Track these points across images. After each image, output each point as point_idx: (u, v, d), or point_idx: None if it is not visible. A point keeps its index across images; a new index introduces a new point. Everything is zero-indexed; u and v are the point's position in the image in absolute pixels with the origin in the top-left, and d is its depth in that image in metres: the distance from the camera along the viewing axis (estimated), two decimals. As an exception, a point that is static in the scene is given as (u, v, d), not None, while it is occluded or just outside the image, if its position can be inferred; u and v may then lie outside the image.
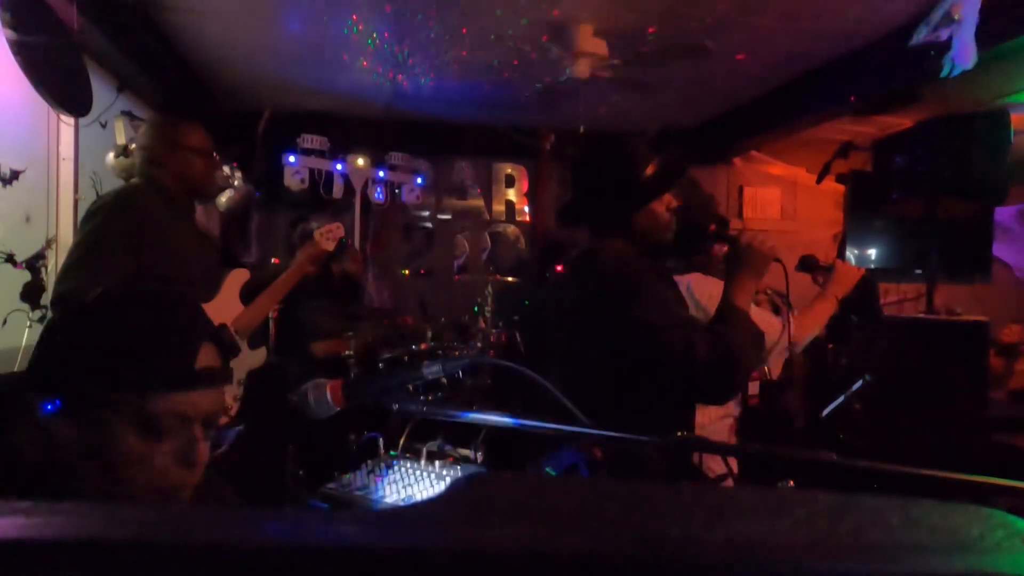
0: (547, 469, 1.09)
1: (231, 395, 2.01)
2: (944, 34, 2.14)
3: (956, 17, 2.15)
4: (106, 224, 1.81)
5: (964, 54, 2.11)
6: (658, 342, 1.27)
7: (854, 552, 0.23)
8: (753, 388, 2.32)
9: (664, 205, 1.49)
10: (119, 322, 0.74)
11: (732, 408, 1.96)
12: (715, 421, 1.88)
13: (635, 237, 1.47)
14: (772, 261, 1.49)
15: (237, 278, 2.13)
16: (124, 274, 1.76)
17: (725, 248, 1.53)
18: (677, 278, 1.70)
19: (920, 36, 2.21)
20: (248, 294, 2.17)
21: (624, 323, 1.31)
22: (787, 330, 1.67)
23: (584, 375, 1.37)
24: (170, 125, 2.04)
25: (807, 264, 2.11)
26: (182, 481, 0.75)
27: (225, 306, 2.06)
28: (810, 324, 1.77)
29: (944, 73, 2.18)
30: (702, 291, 1.79)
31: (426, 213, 5.24)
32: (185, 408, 0.73)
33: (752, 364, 1.37)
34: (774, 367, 1.81)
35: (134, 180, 2.03)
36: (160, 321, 0.75)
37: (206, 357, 0.76)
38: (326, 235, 2.35)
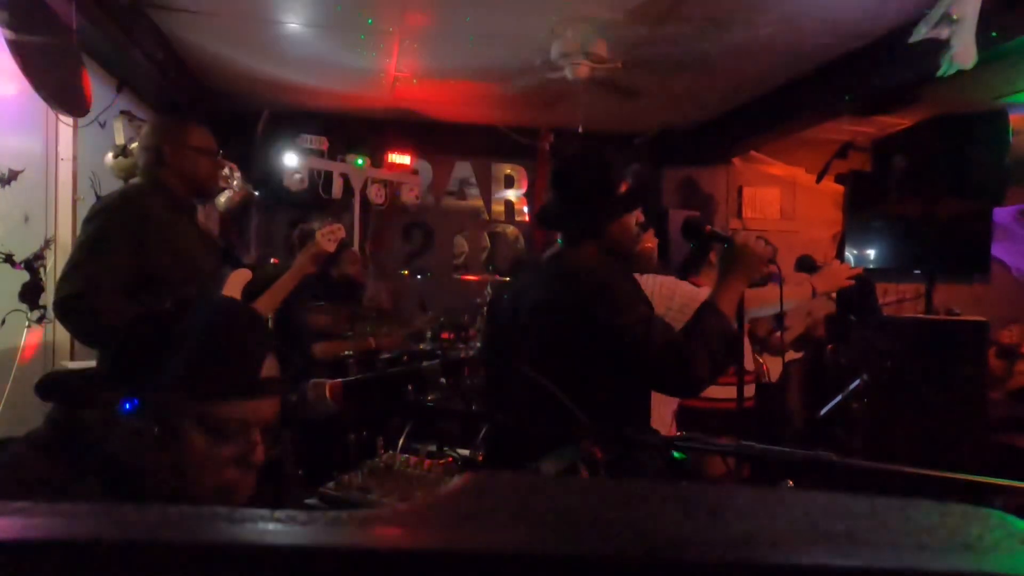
0: (546, 470, 1.09)
1: None
2: (944, 33, 2.14)
3: (955, 17, 2.15)
4: (109, 225, 1.81)
5: (964, 54, 2.11)
6: (621, 336, 1.35)
7: (853, 552, 0.23)
8: (749, 391, 2.33)
9: (634, 218, 1.57)
10: (196, 332, 0.78)
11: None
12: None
13: (606, 245, 1.54)
14: (767, 264, 1.50)
15: (239, 278, 2.13)
16: (127, 275, 1.76)
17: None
18: (643, 276, 1.76)
19: (919, 35, 2.22)
20: (249, 294, 2.17)
21: (590, 320, 1.38)
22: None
23: (552, 372, 1.39)
24: (173, 125, 2.04)
25: (805, 264, 2.11)
26: (242, 482, 0.80)
27: None
28: (767, 298, 1.81)
29: (942, 72, 2.18)
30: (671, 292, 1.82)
31: (425, 213, 5.24)
32: (248, 415, 0.79)
33: (720, 362, 1.42)
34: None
35: (136, 180, 2.03)
36: (233, 333, 0.81)
37: (268, 368, 0.81)
38: (327, 236, 2.35)
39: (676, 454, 1.01)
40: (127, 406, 0.74)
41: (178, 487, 0.76)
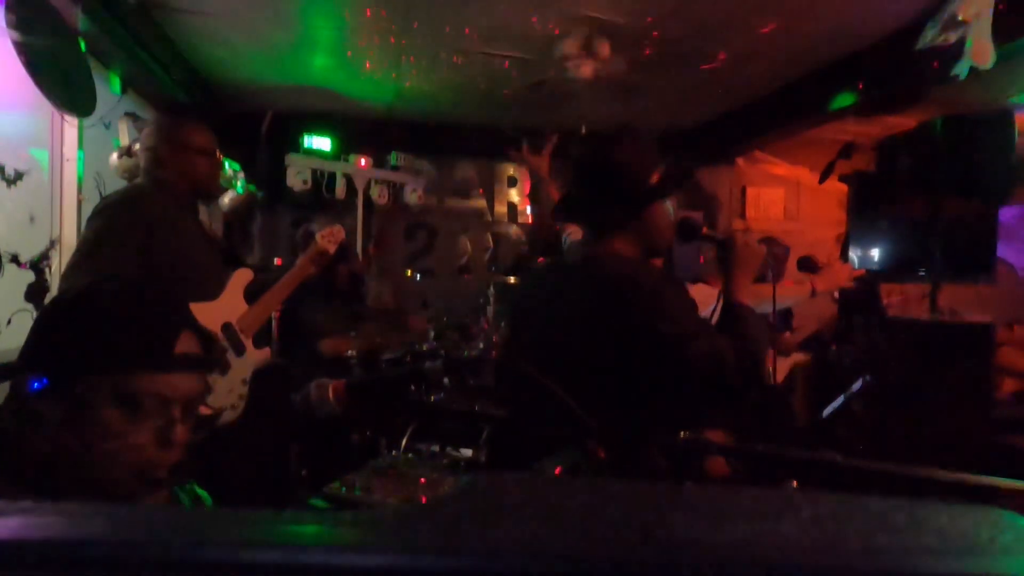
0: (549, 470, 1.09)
1: (237, 394, 2.02)
2: (951, 37, 2.13)
3: (961, 18, 2.14)
4: (111, 224, 1.82)
5: (981, 53, 2.10)
6: (687, 352, 1.27)
7: (862, 555, 0.23)
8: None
9: (670, 207, 1.49)
10: (104, 309, 0.80)
11: None
12: None
13: (638, 239, 1.46)
14: (763, 257, 1.51)
15: (242, 278, 2.14)
16: (129, 273, 1.77)
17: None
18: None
19: (926, 40, 2.21)
20: (252, 294, 2.17)
21: (643, 331, 1.30)
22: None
23: (588, 379, 1.36)
24: (175, 126, 2.05)
25: (806, 264, 2.11)
26: (159, 460, 0.79)
27: (230, 305, 2.06)
28: (759, 295, 1.78)
29: (961, 74, 2.17)
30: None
31: (428, 214, 5.25)
32: (164, 389, 0.79)
33: (762, 364, 1.39)
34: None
35: (139, 180, 2.04)
36: (140, 308, 0.82)
37: (186, 344, 0.82)
38: (327, 237, 2.36)
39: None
40: (35, 385, 0.74)
41: (93, 463, 0.76)
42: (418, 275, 4.91)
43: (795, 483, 1.18)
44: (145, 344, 0.79)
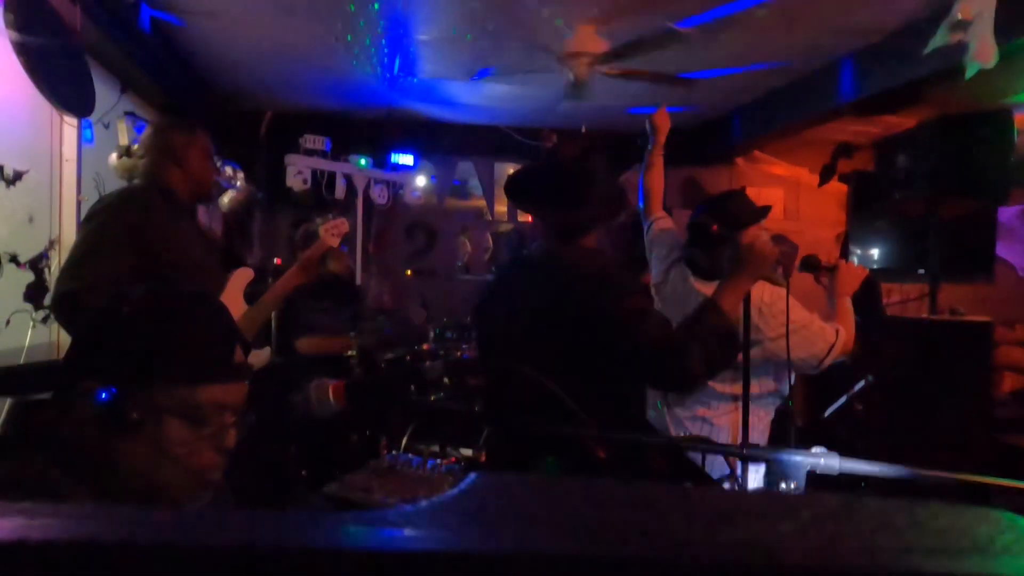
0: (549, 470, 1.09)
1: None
2: (958, 37, 2.14)
3: (962, 17, 2.14)
4: (108, 224, 1.82)
5: (984, 52, 2.10)
6: (615, 326, 1.34)
7: (863, 555, 0.23)
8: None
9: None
10: (170, 319, 0.83)
11: (764, 416, 1.97)
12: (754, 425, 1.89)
13: (594, 241, 1.55)
14: (773, 264, 1.50)
15: (241, 278, 2.14)
16: (125, 274, 1.76)
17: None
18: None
19: (936, 43, 2.21)
20: (251, 294, 2.17)
21: (591, 312, 1.37)
22: (837, 339, 1.78)
23: (554, 371, 1.39)
24: (177, 127, 2.05)
25: (809, 264, 2.11)
26: (215, 464, 0.83)
27: (230, 304, 2.06)
28: (851, 327, 1.87)
29: (969, 75, 2.17)
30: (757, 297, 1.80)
31: (428, 214, 5.25)
32: (221, 398, 0.83)
33: (716, 360, 1.40)
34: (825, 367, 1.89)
35: (137, 181, 2.04)
36: (207, 319, 0.86)
37: (238, 353, 0.87)
38: (331, 230, 2.35)
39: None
40: (103, 395, 0.76)
41: (155, 472, 0.79)
42: (417, 275, 4.91)
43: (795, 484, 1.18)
44: (213, 356, 0.83)
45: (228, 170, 3.71)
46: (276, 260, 4.38)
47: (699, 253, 1.99)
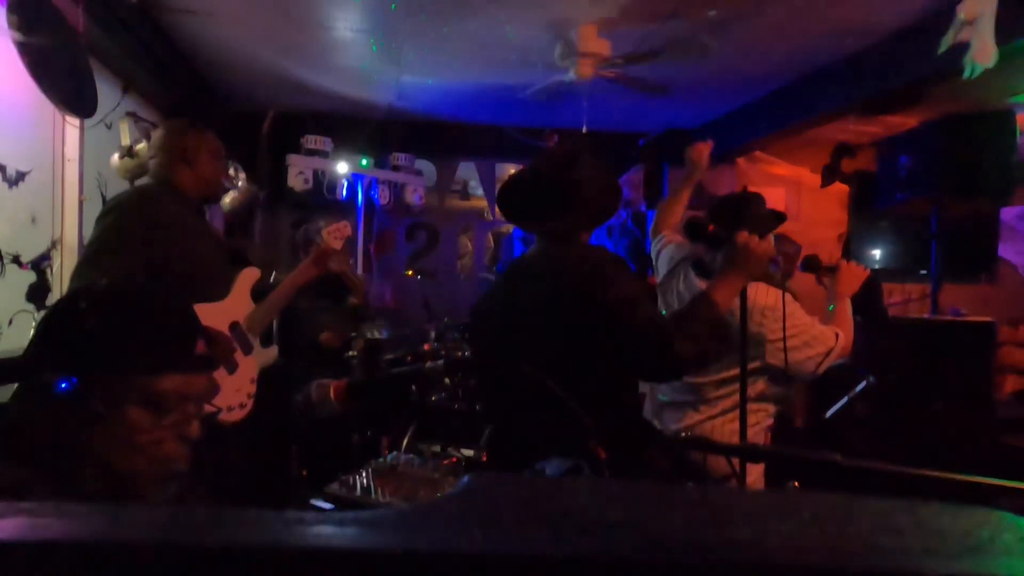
0: (549, 471, 1.09)
1: (245, 393, 2.03)
2: (965, 36, 2.14)
3: (964, 17, 2.14)
4: (120, 223, 1.83)
5: (983, 52, 2.10)
6: (607, 314, 1.34)
7: (863, 555, 0.23)
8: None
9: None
10: (132, 309, 0.84)
11: (764, 418, 1.96)
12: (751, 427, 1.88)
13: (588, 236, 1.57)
14: (768, 263, 1.51)
15: (248, 277, 2.15)
16: (137, 272, 1.78)
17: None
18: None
19: (947, 44, 2.22)
20: (257, 294, 2.18)
21: (586, 304, 1.37)
22: (838, 342, 1.78)
23: (553, 368, 1.38)
24: (191, 129, 2.07)
25: (810, 264, 2.11)
26: (178, 454, 0.84)
27: (237, 305, 2.07)
28: (850, 329, 1.87)
29: (967, 74, 2.17)
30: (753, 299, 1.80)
31: (429, 214, 5.25)
32: (184, 388, 0.84)
33: (705, 349, 1.40)
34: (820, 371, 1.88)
35: (146, 181, 2.05)
36: (167, 310, 0.87)
37: (200, 345, 0.87)
38: (333, 233, 2.36)
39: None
40: (63, 385, 0.77)
41: (121, 461, 0.80)
42: (418, 275, 4.91)
43: (796, 483, 1.18)
44: (174, 345, 0.84)
45: (230, 170, 3.71)
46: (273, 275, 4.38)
47: (704, 253, 1.99)
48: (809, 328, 1.85)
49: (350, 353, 2.97)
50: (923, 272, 3.96)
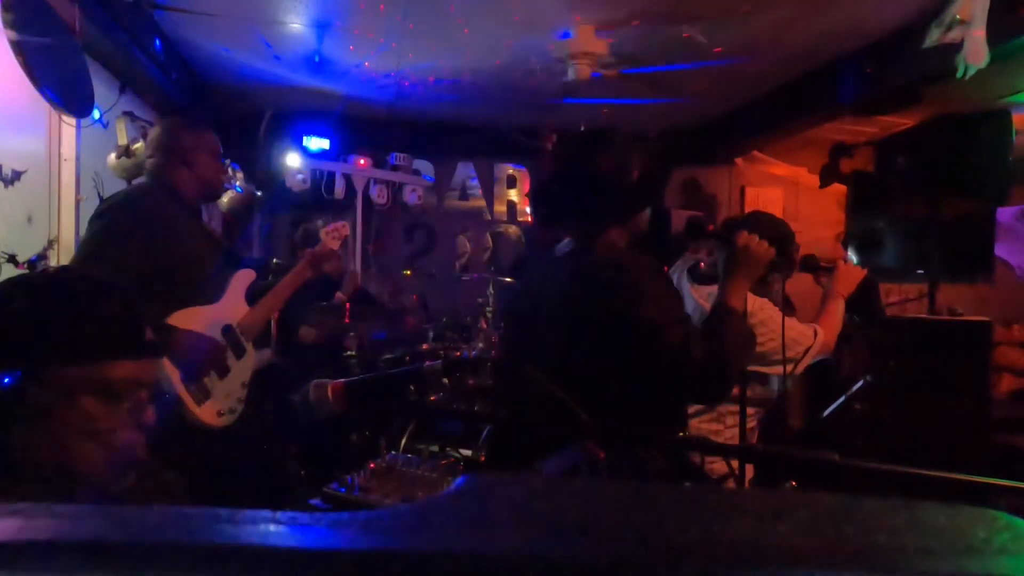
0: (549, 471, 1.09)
1: (236, 398, 2.01)
2: (956, 36, 2.14)
3: (959, 17, 2.15)
4: (115, 223, 1.82)
5: (975, 53, 2.11)
6: (658, 339, 1.29)
7: (860, 555, 0.23)
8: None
9: (647, 215, 1.53)
10: (80, 298, 0.83)
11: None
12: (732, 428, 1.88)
13: (627, 239, 1.49)
14: (768, 263, 1.49)
15: (243, 279, 2.14)
16: (131, 274, 1.76)
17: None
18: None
19: (932, 40, 2.21)
20: (253, 294, 2.17)
21: (625, 320, 1.32)
22: (817, 338, 1.76)
23: (578, 373, 1.36)
24: (188, 128, 2.05)
25: (808, 264, 2.11)
26: (135, 441, 0.83)
27: (231, 307, 2.06)
28: (833, 328, 1.84)
29: (959, 74, 2.18)
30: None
31: (427, 214, 5.24)
32: (137, 374, 0.83)
33: (743, 364, 1.40)
34: (799, 370, 1.85)
35: (142, 180, 2.04)
36: (110, 298, 0.85)
37: (149, 331, 0.87)
38: (332, 233, 2.35)
39: None
40: (6, 380, 0.75)
41: (77, 453, 0.79)
42: (417, 275, 4.91)
43: (793, 483, 1.18)
44: (123, 332, 0.82)
45: (228, 170, 3.70)
46: (274, 260, 4.38)
47: (707, 256, 1.98)
48: (787, 329, 1.84)
49: (349, 353, 2.97)
50: (920, 272, 3.96)
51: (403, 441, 2.25)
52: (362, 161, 4.61)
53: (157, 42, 3.29)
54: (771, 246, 1.48)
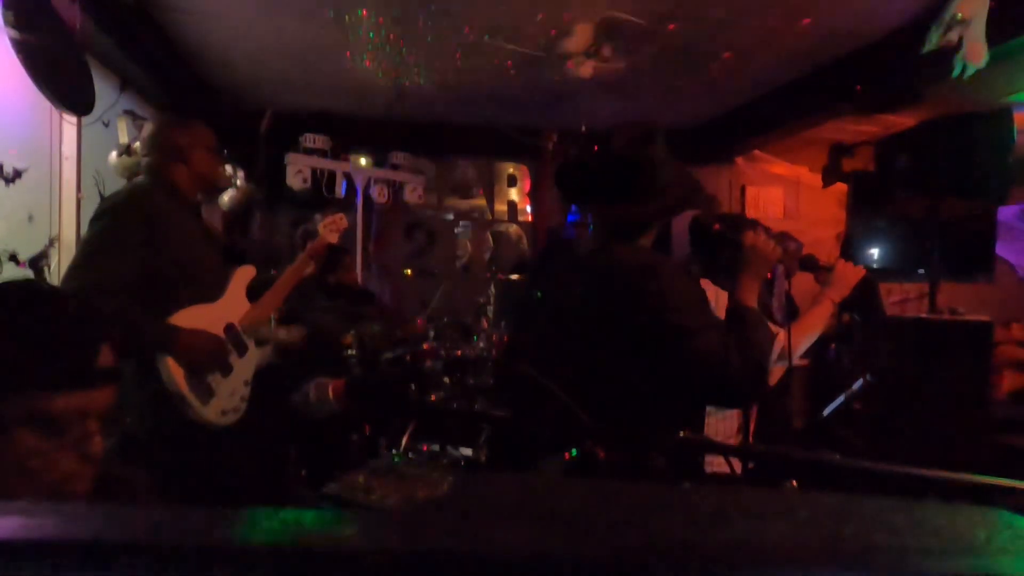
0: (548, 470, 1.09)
1: (239, 396, 2.01)
2: (955, 36, 2.14)
3: (960, 17, 2.15)
4: (115, 223, 1.81)
5: (975, 52, 2.11)
6: (692, 346, 1.27)
7: (861, 555, 0.23)
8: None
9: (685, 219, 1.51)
10: (16, 321, 0.73)
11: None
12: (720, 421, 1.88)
13: (652, 240, 1.47)
14: (775, 262, 1.48)
15: (243, 276, 2.14)
16: (132, 274, 1.76)
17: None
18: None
19: (932, 43, 2.21)
20: (253, 292, 2.17)
21: (655, 325, 1.30)
22: (786, 341, 1.69)
23: (598, 376, 1.35)
24: (184, 125, 2.05)
25: (808, 264, 2.10)
26: (79, 474, 0.76)
27: (232, 305, 2.06)
28: (805, 331, 1.78)
29: (956, 73, 2.17)
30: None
31: (428, 213, 5.24)
32: (82, 405, 0.75)
33: (769, 361, 1.38)
34: (772, 377, 1.82)
35: (141, 179, 2.03)
36: (61, 321, 0.76)
37: (104, 356, 0.77)
38: (329, 226, 2.35)
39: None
40: None
41: (11, 486, 0.72)
42: (417, 275, 4.91)
43: (794, 483, 1.18)
44: (70, 358, 0.74)
45: (228, 169, 3.71)
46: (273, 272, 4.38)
47: (704, 256, 1.96)
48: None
49: (348, 353, 2.97)
50: (921, 271, 3.96)
51: (403, 441, 2.25)
52: (363, 160, 4.61)
53: (157, 41, 3.29)
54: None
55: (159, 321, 1.80)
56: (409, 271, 4.88)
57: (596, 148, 1.46)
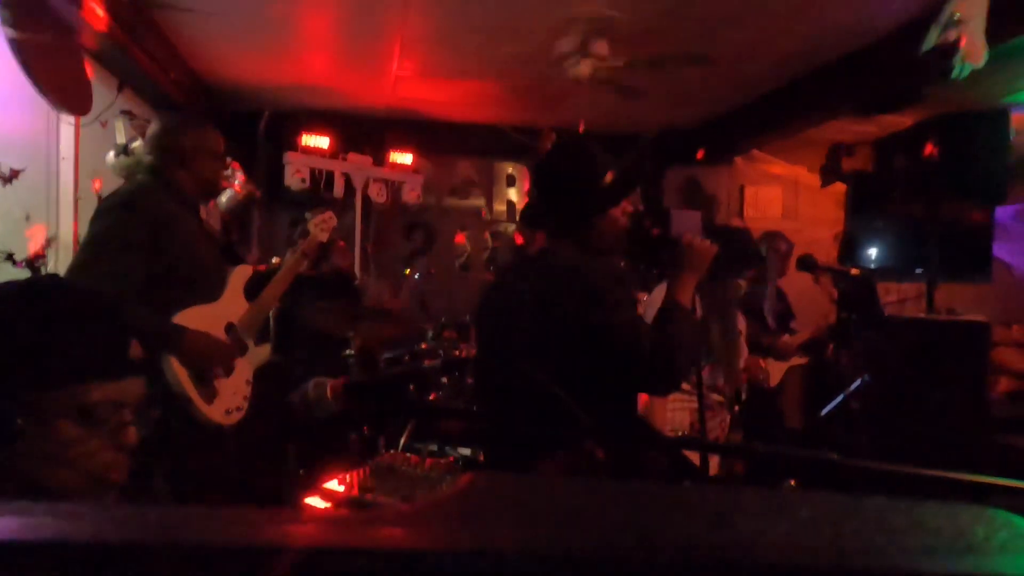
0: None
1: (242, 395, 2.01)
2: (953, 36, 2.14)
3: (958, 17, 2.15)
4: (116, 222, 1.81)
5: (974, 52, 2.11)
6: (612, 338, 1.39)
7: (860, 555, 0.23)
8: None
9: (621, 210, 1.59)
10: (56, 317, 0.77)
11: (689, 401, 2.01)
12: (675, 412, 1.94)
13: (592, 240, 1.56)
14: (712, 257, 1.55)
15: (241, 275, 2.14)
16: (133, 274, 1.76)
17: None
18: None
19: (930, 42, 2.22)
20: (251, 291, 2.17)
21: (579, 319, 1.41)
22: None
23: (543, 371, 1.40)
24: (190, 126, 2.04)
25: (806, 263, 2.11)
26: (115, 463, 0.80)
27: (231, 305, 2.06)
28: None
29: (955, 74, 2.18)
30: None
31: (427, 213, 5.24)
32: (117, 395, 0.79)
33: (693, 355, 1.50)
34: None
35: (142, 178, 2.02)
36: (91, 315, 0.80)
37: (135, 348, 0.83)
38: (320, 225, 2.35)
39: None
40: None
41: (49, 478, 0.76)
42: (416, 274, 4.90)
43: (793, 482, 1.19)
44: (104, 351, 0.78)
45: (228, 168, 3.69)
46: (274, 260, 4.38)
47: (642, 255, 2.00)
48: None
49: (348, 352, 2.97)
50: (919, 271, 3.97)
51: (403, 441, 2.25)
52: (361, 160, 4.61)
53: (155, 41, 3.28)
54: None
55: (166, 320, 1.80)
56: (408, 271, 4.88)
57: (539, 158, 1.65)
